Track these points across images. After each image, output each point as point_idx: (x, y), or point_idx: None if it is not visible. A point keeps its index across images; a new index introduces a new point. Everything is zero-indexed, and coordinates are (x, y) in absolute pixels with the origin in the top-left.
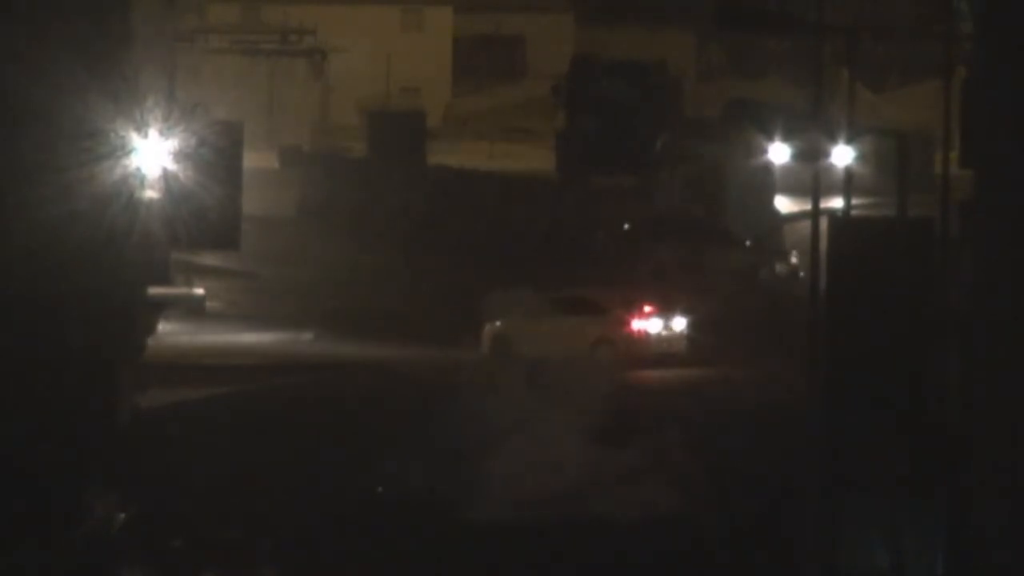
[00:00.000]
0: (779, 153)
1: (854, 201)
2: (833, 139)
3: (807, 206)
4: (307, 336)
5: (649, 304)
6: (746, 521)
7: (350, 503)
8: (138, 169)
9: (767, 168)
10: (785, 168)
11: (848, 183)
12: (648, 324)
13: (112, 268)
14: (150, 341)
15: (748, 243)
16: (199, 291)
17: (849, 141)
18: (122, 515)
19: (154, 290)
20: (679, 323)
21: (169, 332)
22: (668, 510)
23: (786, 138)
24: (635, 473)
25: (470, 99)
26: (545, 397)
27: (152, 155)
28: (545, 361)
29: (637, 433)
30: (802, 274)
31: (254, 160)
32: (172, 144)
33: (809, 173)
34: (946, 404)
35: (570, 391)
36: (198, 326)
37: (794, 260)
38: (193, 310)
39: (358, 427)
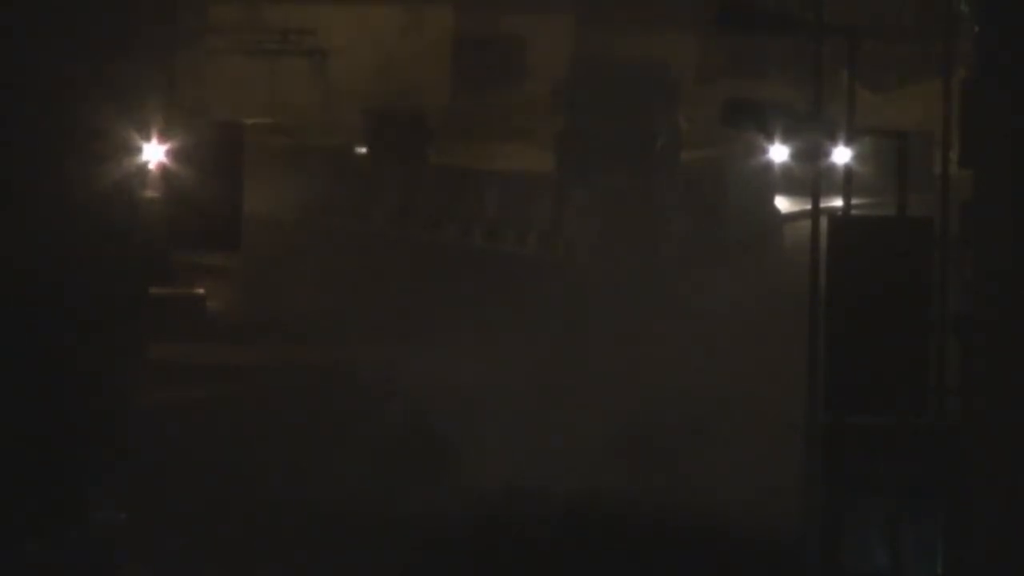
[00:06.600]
0: (779, 153)
1: (854, 201)
2: (833, 139)
3: (807, 206)
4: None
5: None
6: None
7: None
8: (138, 169)
9: (767, 168)
10: (785, 168)
11: (848, 183)
12: None
13: (112, 268)
14: (150, 341)
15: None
16: (199, 291)
17: (849, 141)
18: (122, 515)
19: (154, 290)
20: None
21: (169, 332)
22: None
23: (786, 138)
24: None
25: (470, 99)
26: None
27: (152, 155)
28: None
29: None
30: None
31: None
32: (172, 144)
33: (809, 173)
34: (946, 404)
35: None
36: (198, 327)
37: None
38: (193, 311)
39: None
